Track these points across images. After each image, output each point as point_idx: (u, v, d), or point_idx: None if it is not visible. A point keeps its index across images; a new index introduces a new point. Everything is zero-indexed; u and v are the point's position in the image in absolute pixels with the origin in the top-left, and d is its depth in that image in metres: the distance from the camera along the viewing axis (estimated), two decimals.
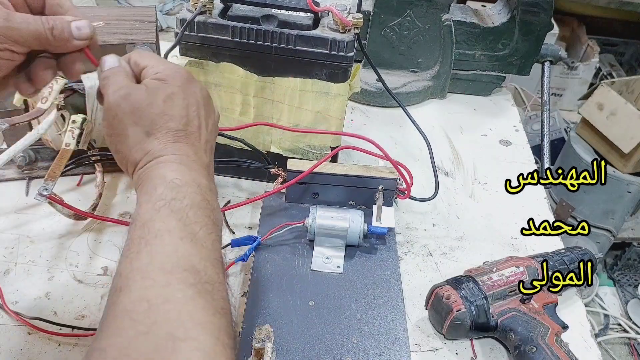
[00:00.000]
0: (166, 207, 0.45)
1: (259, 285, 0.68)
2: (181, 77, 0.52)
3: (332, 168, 0.78)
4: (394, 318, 0.66)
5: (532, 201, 0.89)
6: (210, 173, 0.52)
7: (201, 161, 0.51)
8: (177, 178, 0.47)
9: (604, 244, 1.99)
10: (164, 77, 0.51)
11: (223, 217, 0.79)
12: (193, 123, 0.51)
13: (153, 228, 0.43)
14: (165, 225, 0.44)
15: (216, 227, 0.48)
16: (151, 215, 0.44)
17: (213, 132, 0.55)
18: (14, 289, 0.66)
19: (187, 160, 0.49)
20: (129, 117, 0.49)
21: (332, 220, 0.72)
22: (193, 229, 0.45)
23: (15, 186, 0.80)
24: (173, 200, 0.45)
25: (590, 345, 0.67)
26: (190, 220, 0.45)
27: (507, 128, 1.08)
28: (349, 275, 0.71)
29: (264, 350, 0.57)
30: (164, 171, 0.47)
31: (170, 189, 0.46)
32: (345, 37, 0.70)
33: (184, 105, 0.51)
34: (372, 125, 1.05)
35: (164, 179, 0.47)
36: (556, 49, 1.11)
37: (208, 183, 0.50)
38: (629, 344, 1.89)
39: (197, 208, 0.46)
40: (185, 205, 0.45)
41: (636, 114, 1.73)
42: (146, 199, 0.46)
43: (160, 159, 0.48)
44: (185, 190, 0.46)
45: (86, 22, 0.50)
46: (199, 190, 0.48)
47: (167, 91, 0.50)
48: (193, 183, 0.48)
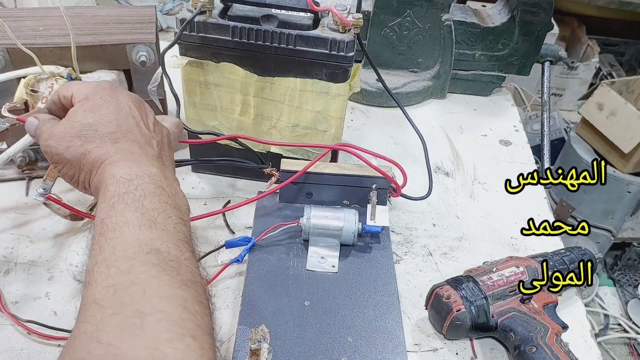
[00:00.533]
0: (120, 201, 0.47)
1: (254, 286, 0.68)
2: (103, 90, 0.56)
3: (326, 167, 0.78)
4: (390, 316, 0.66)
5: (532, 201, 0.89)
6: (164, 162, 0.55)
7: (148, 153, 0.54)
8: (126, 173, 0.49)
9: (604, 244, 1.99)
10: (85, 96, 0.55)
11: (223, 217, 0.79)
12: (127, 122, 0.54)
13: (111, 223, 0.45)
14: (123, 218, 0.45)
15: (177, 211, 0.49)
16: (107, 212, 0.46)
17: (157, 128, 0.58)
18: (14, 289, 0.66)
19: (133, 155, 0.52)
20: (62, 149, 0.52)
21: (327, 219, 0.73)
22: (151, 216, 0.46)
23: (15, 186, 0.80)
24: (126, 193, 0.47)
25: (590, 345, 0.67)
26: (147, 208, 0.47)
27: (507, 128, 1.08)
28: (344, 274, 0.71)
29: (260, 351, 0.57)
30: (112, 171, 0.50)
31: (121, 184, 0.48)
32: (345, 37, 0.70)
33: (110, 111, 0.54)
34: (372, 125, 1.05)
35: (113, 177, 0.49)
36: (556, 49, 1.10)
37: (160, 171, 0.52)
38: (629, 344, 1.90)
39: (152, 196, 0.48)
40: (138, 196, 0.47)
41: (636, 114, 1.73)
42: (101, 199, 0.48)
43: (107, 162, 0.51)
44: (136, 183, 0.48)
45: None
46: (151, 179, 0.50)
47: (86, 106, 0.54)
48: (143, 174, 0.50)
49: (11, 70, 0.71)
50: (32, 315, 0.63)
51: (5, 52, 0.71)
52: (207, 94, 0.77)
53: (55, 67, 0.72)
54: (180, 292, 0.41)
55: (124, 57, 0.76)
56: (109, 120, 0.54)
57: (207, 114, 0.79)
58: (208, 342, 0.40)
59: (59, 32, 0.75)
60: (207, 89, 0.77)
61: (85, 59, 0.74)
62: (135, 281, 0.41)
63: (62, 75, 0.72)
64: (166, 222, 0.47)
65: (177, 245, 0.46)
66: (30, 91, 0.72)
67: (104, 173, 0.50)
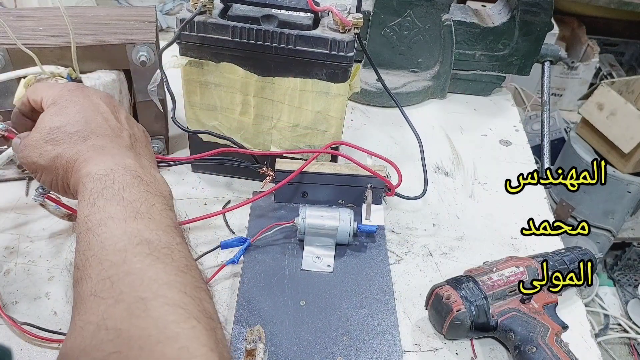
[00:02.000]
0: (100, 197, 0.47)
1: (249, 286, 0.68)
2: (69, 92, 0.57)
3: (321, 167, 0.78)
4: (385, 316, 0.66)
5: (532, 201, 0.89)
6: (138, 152, 0.56)
7: (120, 145, 0.54)
8: (101, 169, 0.49)
9: (604, 244, 1.99)
10: (53, 100, 0.56)
11: (223, 217, 0.79)
12: (95, 119, 0.55)
13: (95, 219, 0.45)
14: (106, 214, 0.45)
15: (160, 197, 0.50)
16: (89, 210, 0.46)
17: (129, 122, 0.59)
18: (14, 289, 0.66)
19: (105, 149, 0.52)
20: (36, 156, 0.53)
21: (322, 219, 0.73)
22: (134, 207, 0.46)
23: (15, 186, 0.80)
24: (104, 189, 0.47)
25: (590, 345, 0.67)
26: (128, 200, 0.47)
27: (507, 128, 1.08)
28: (340, 274, 0.71)
29: (256, 351, 0.57)
30: (87, 169, 0.50)
31: (97, 180, 0.48)
32: (345, 37, 0.70)
33: (77, 110, 0.55)
34: (371, 125, 1.05)
35: (89, 175, 0.49)
36: (556, 49, 1.11)
37: (135, 161, 0.52)
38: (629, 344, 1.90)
39: (131, 187, 0.48)
40: (117, 189, 0.48)
41: (636, 114, 1.73)
42: (81, 198, 0.48)
43: (80, 160, 0.51)
44: (112, 177, 0.49)
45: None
46: (126, 171, 0.50)
47: (53, 110, 0.55)
48: (118, 167, 0.50)
49: (11, 70, 0.71)
50: (32, 316, 0.63)
51: (5, 52, 0.71)
52: (207, 94, 0.77)
53: (55, 67, 0.72)
54: (178, 279, 0.42)
55: (124, 57, 0.76)
56: (76, 119, 0.54)
57: (207, 114, 0.79)
58: (211, 325, 0.40)
59: (59, 32, 0.74)
60: (207, 89, 0.77)
61: (85, 59, 0.74)
62: (131, 271, 0.41)
63: (62, 75, 0.72)
64: (151, 210, 0.47)
65: (166, 232, 0.46)
66: None
67: (79, 172, 0.51)
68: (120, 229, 0.44)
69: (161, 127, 0.86)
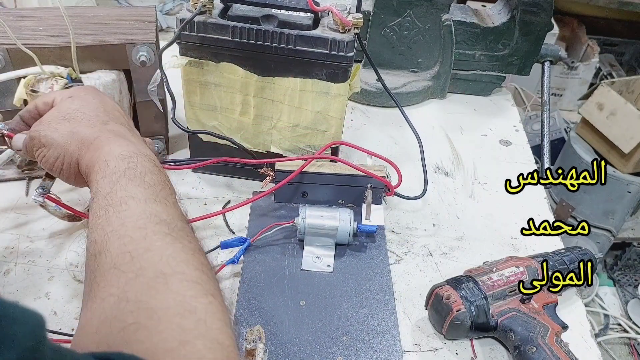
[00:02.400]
0: (123, 177, 0.48)
1: (249, 287, 0.68)
2: (85, 89, 0.60)
3: (321, 167, 0.78)
4: (385, 316, 0.66)
5: (532, 201, 0.89)
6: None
7: (138, 137, 0.57)
8: (125, 150, 0.51)
9: (604, 244, 1.99)
10: (69, 95, 0.58)
11: (224, 218, 0.79)
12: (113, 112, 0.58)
13: (116, 197, 0.46)
14: (128, 193, 0.47)
15: (173, 192, 0.51)
16: (111, 187, 0.47)
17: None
18: (14, 289, 0.66)
19: (125, 136, 0.54)
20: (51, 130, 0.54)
21: (322, 219, 0.73)
22: (154, 191, 0.48)
23: (15, 186, 0.80)
24: (127, 169, 0.49)
25: (590, 345, 0.67)
26: (149, 184, 0.48)
27: (507, 128, 1.08)
28: (340, 274, 0.71)
29: (256, 351, 0.57)
30: (109, 148, 0.51)
31: (121, 160, 0.50)
32: (345, 37, 0.70)
33: (97, 101, 0.57)
34: (371, 125, 1.05)
35: (111, 154, 0.50)
36: (556, 49, 1.10)
37: (151, 154, 0.54)
38: (629, 344, 1.89)
39: (151, 174, 0.50)
40: (139, 172, 0.49)
41: (636, 114, 1.73)
42: (101, 175, 0.49)
43: (101, 138, 0.52)
44: (135, 160, 0.50)
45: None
46: (147, 158, 0.51)
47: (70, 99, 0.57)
48: (140, 153, 0.51)
49: (11, 70, 0.71)
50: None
51: (5, 52, 0.71)
52: (207, 94, 0.77)
53: (55, 67, 0.72)
54: (195, 258, 0.43)
55: (124, 57, 0.76)
56: (95, 106, 0.56)
57: (207, 114, 0.79)
58: (224, 303, 0.42)
59: (59, 32, 0.74)
60: (207, 89, 0.77)
61: (85, 59, 0.74)
62: (150, 248, 0.42)
63: (62, 75, 0.72)
64: (168, 198, 0.49)
65: (180, 218, 0.48)
66: (30, 91, 0.71)
67: (99, 150, 0.51)
68: (140, 208, 0.45)
69: (161, 127, 0.86)
